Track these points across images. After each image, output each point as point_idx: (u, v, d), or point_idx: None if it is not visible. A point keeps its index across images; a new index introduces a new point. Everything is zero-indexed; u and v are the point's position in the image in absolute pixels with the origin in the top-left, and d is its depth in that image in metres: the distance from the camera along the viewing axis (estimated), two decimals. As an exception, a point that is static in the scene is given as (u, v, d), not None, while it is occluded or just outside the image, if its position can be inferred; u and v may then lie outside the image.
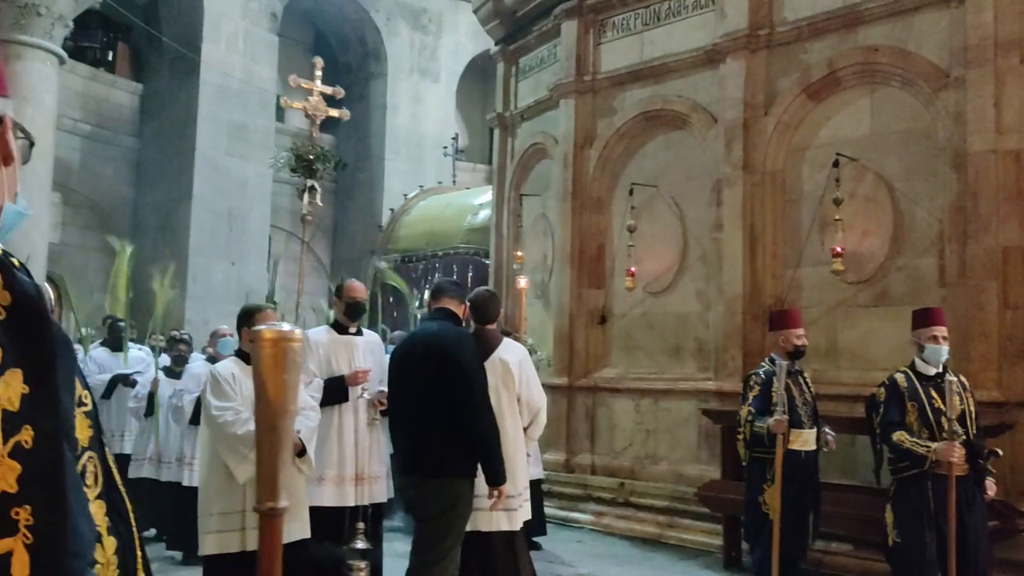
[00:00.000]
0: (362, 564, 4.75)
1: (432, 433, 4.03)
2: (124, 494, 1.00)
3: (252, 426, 4.01)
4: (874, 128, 6.99)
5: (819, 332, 7.13)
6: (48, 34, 12.10)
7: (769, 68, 7.59)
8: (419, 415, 4.07)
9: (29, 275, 0.88)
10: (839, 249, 6.76)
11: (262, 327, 1.29)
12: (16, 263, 0.87)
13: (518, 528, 4.59)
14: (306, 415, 4.38)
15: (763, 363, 5.43)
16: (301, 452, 4.24)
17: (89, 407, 0.95)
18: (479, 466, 4.09)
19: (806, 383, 5.39)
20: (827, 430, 5.33)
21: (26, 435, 0.80)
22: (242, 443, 4.03)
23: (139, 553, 1.01)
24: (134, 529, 1.00)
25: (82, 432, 0.91)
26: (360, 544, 4.84)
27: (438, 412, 4.00)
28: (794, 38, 7.42)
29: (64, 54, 12.63)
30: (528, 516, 4.79)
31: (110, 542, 0.94)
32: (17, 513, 0.78)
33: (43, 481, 0.80)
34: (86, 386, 0.95)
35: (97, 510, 0.91)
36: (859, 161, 6.95)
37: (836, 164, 6.86)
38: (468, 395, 3.98)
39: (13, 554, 0.77)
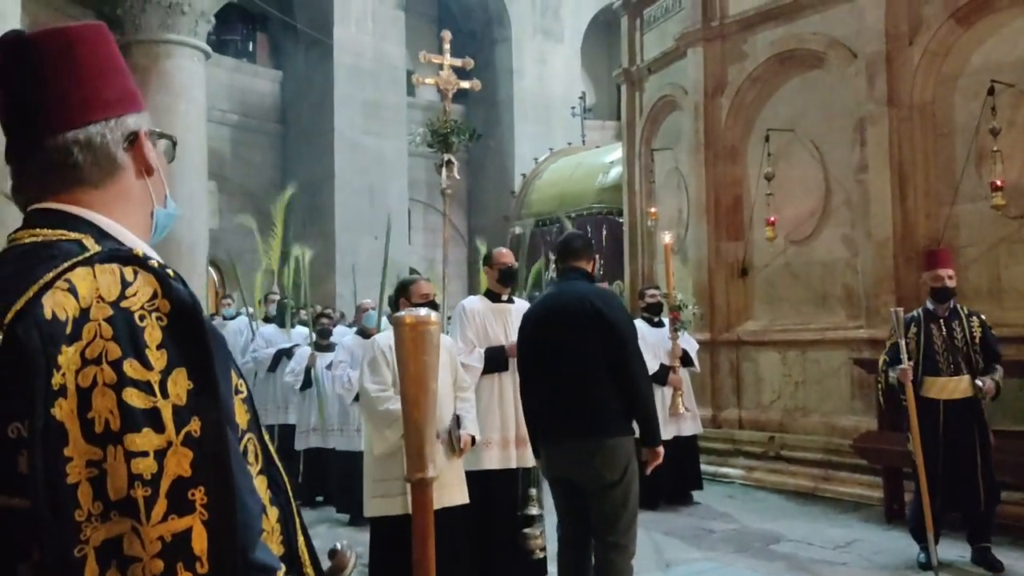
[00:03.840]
0: (537, 532, 4.82)
1: (594, 394, 3.82)
2: (280, 469, 1.11)
3: (393, 406, 4.23)
4: (1033, 49, 6.46)
5: (980, 271, 6.74)
6: (193, 31, 12.83)
7: (912, -5, 7.14)
8: (575, 376, 3.84)
9: (183, 283, 0.99)
10: (999, 182, 6.33)
11: (402, 313, 1.40)
12: (171, 273, 0.98)
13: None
14: (465, 400, 4.52)
15: (918, 309, 5.27)
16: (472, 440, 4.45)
17: (245, 394, 1.06)
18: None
19: (964, 327, 5.13)
20: (979, 380, 5.06)
21: (195, 425, 0.90)
22: (382, 420, 4.26)
23: (297, 520, 1.12)
24: (291, 499, 1.11)
25: (241, 417, 1.02)
26: (533, 510, 4.89)
27: (597, 373, 3.81)
28: (938, -41, 6.93)
29: (209, 49, 13.35)
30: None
31: (273, 512, 1.06)
32: (193, 494, 0.89)
33: (212, 465, 0.91)
34: (240, 375, 1.06)
35: (259, 484, 1.03)
36: (1016, 87, 6.45)
37: (991, 92, 6.40)
38: (625, 355, 3.82)
39: (192, 530, 0.89)
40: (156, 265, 0.97)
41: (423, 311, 1.40)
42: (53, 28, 1.05)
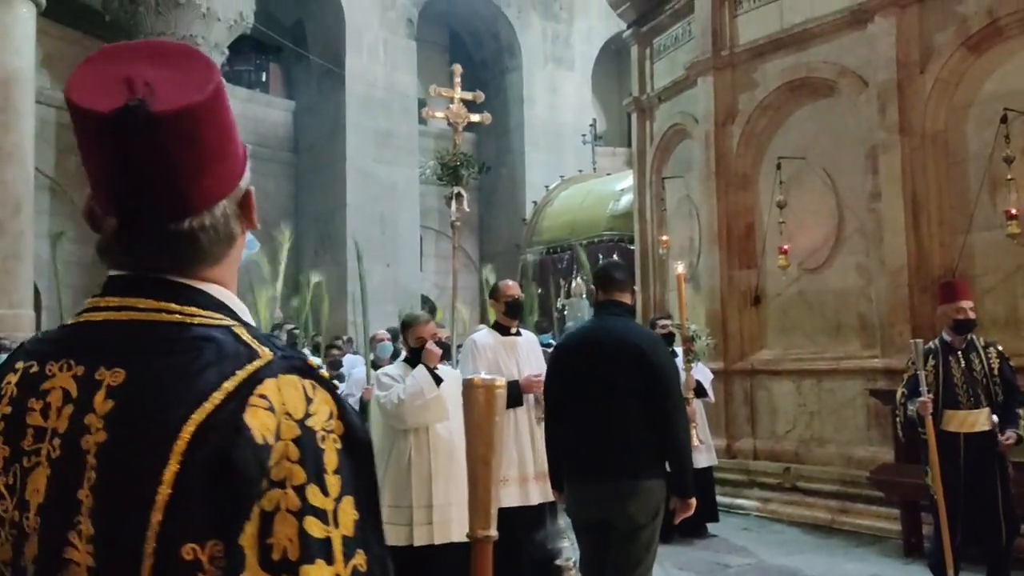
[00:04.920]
0: (571, 562, 4.73)
1: (632, 435, 3.71)
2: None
3: (407, 382, 4.36)
4: (1046, 77, 6.44)
5: (997, 301, 6.66)
6: (207, 63, 12.98)
7: (923, 23, 7.12)
8: (613, 417, 3.74)
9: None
10: (1014, 211, 6.28)
11: (473, 376, 1.44)
12: (337, 385, 0.95)
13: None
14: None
15: (933, 341, 5.20)
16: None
17: None
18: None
19: (982, 359, 5.07)
20: (1008, 428, 4.97)
21: (360, 559, 0.86)
22: (410, 403, 4.37)
23: None
24: None
25: None
26: (566, 542, 4.79)
27: (636, 414, 3.71)
28: (949, -12, 6.93)
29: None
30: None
31: None
32: None
33: None
34: None
35: None
36: (1031, 114, 6.41)
37: (1004, 120, 6.36)
38: (666, 401, 3.74)
39: None
40: (327, 377, 0.94)
41: (487, 375, 1.47)
42: (182, 107, 0.91)
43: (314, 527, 0.84)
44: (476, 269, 17.73)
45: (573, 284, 13.07)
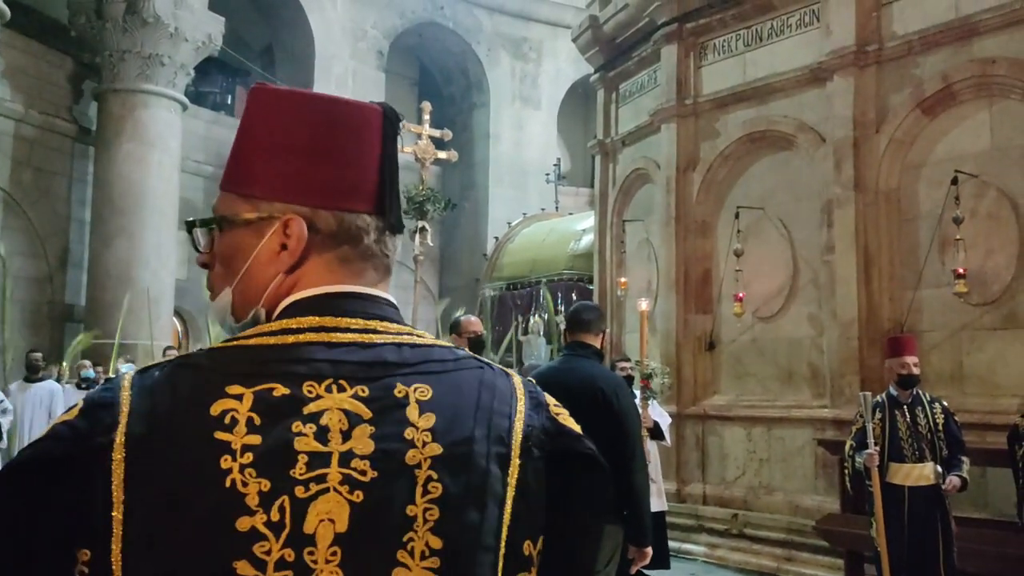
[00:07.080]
0: None
1: None
2: None
3: None
4: (994, 143, 6.67)
5: (943, 357, 6.82)
6: (171, 83, 12.89)
7: (879, 84, 7.36)
8: None
9: None
10: (961, 270, 6.46)
11: None
12: None
13: None
14: None
15: (881, 394, 5.31)
16: None
17: None
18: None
19: (927, 414, 5.17)
20: (951, 473, 5.07)
21: None
22: None
23: None
24: None
25: None
26: None
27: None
28: (905, 52, 7.17)
29: (186, 101, 13.40)
30: None
31: None
32: None
33: None
34: None
35: None
36: (979, 177, 6.63)
37: (955, 181, 6.57)
38: (629, 450, 3.73)
39: None
40: None
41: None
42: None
43: None
44: (435, 302, 17.68)
45: (531, 321, 13.09)
